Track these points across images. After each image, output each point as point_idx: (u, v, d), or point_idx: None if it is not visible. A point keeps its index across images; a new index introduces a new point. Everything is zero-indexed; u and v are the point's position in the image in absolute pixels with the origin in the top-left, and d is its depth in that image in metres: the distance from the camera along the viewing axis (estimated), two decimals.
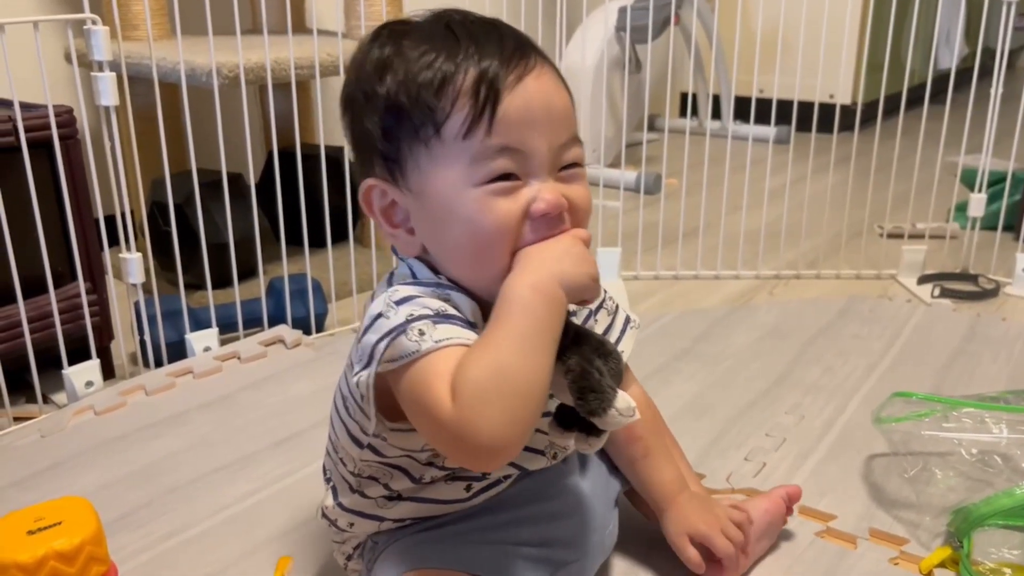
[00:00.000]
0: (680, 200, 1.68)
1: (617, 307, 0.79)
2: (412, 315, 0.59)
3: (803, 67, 1.56)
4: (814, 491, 0.92)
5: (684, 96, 3.06)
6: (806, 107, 1.61)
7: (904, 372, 1.21)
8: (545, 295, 0.58)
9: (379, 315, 0.60)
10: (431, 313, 0.59)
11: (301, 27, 1.71)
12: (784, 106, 1.66)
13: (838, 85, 1.93)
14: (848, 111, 1.88)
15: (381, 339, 0.59)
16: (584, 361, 0.60)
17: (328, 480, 0.75)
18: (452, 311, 0.61)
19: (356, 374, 0.61)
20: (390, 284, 0.65)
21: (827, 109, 1.72)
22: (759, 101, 1.61)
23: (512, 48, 0.61)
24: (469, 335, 0.59)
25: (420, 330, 0.58)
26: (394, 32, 0.64)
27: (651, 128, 2.79)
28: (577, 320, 0.75)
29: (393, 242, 0.66)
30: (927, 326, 1.37)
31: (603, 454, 0.82)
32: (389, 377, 0.60)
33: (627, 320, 0.80)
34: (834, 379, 1.19)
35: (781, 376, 1.20)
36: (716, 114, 2.70)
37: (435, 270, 0.65)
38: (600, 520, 0.77)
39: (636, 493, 0.82)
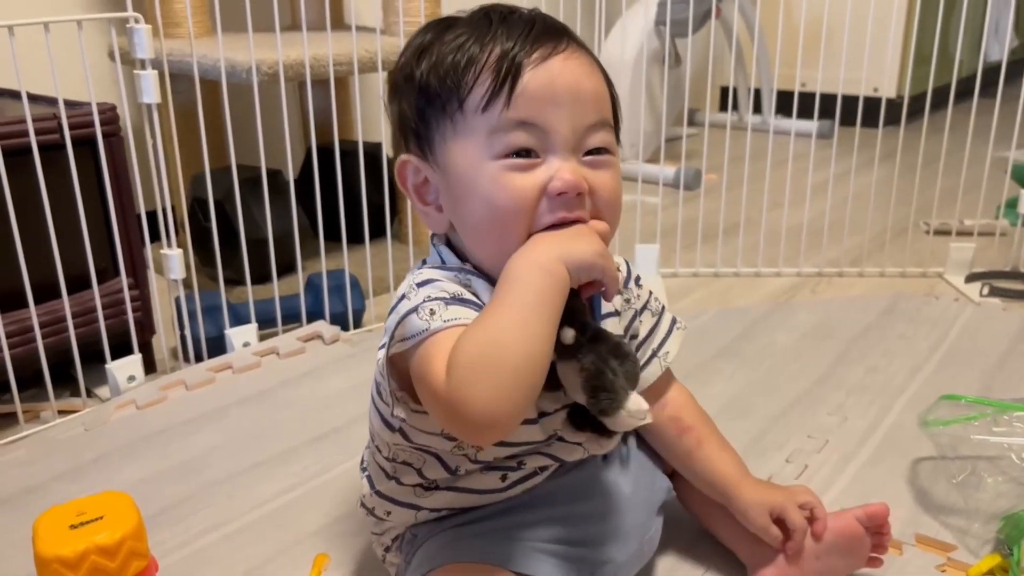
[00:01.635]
0: (720, 196, 1.65)
1: (663, 308, 0.79)
2: (429, 296, 0.60)
3: (847, 60, 1.52)
4: (858, 495, 0.90)
5: (725, 90, 3.02)
6: (850, 101, 1.58)
7: (951, 373, 1.18)
8: (544, 270, 0.58)
9: (403, 296, 0.62)
10: (447, 296, 0.61)
11: (340, 24, 1.71)
12: (827, 100, 1.62)
13: (883, 78, 1.89)
14: (893, 105, 1.84)
15: (398, 319, 0.60)
16: (599, 360, 0.60)
17: (364, 470, 0.76)
18: (469, 296, 0.62)
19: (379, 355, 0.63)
20: (422, 265, 0.67)
21: (872, 103, 1.68)
22: (801, 95, 1.58)
23: (541, 31, 0.63)
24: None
25: (431, 310, 0.59)
26: (440, 24, 0.66)
27: (691, 123, 2.76)
28: (622, 321, 0.75)
29: (424, 219, 0.68)
30: (975, 326, 1.34)
31: (654, 455, 0.81)
32: (403, 358, 0.61)
33: (673, 321, 0.80)
34: (879, 380, 1.17)
35: (823, 376, 1.18)
36: (757, 108, 2.66)
37: (462, 257, 0.67)
38: (640, 524, 0.76)
39: (690, 491, 0.81)
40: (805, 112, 1.75)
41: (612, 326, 0.73)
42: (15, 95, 1.04)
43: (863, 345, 1.27)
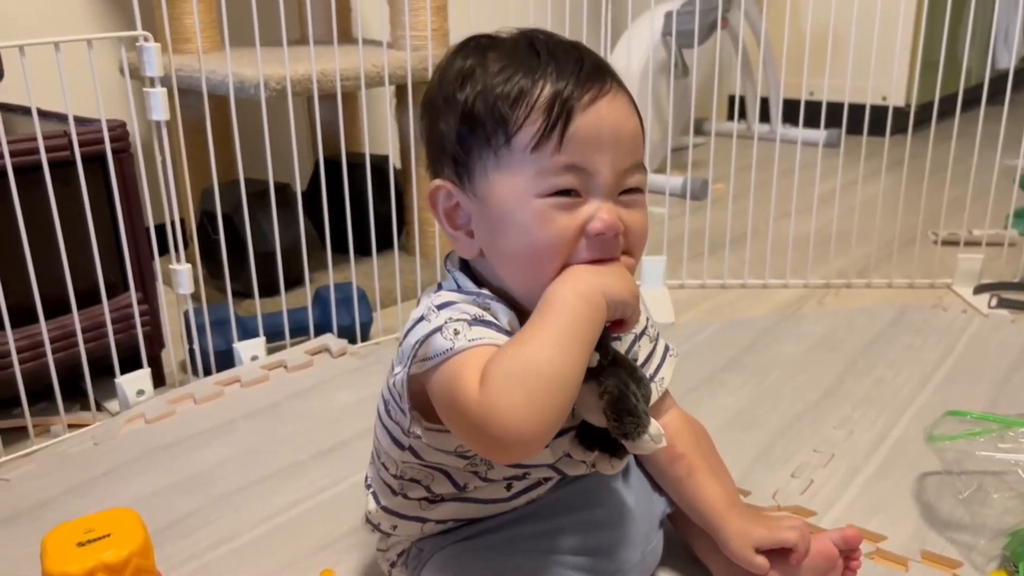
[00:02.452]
0: (727, 206, 1.65)
1: (658, 335, 0.80)
2: (451, 318, 0.61)
3: (854, 68, 1.52)
4: (863, 510, 0.90)
5: (732, 99, 3.02)
6: (857, 109, 1.58)
7: (959, 386, 1.18)
8: (586, 298, 0.60)
9: (421, 318, 0.63)
10: (469, 318, 0.62)
11: (347, 36, 1.73)
12: (834, 108, 1.62)
13: (891, 86, 1.88)
14: (900, 113, 1.83)
15: (419, 340, 0.61)
16: (621, 384, 0.61)
17: (369, 487, 0.77)
18: (490, 318, 0.63)
19: (395, 374, 0.64)
20: (439, 289, 0.67)
21: (878, 111, 1.68)
22: (808, 104, 1.58)
23: (590, 70, 0.63)
24: (503, 338, 0.61)
25: (455, 330, 0.60)
26: (480, 45, 0.66)
27: (698, 132, 2.76)
28: (621, 346, 0.75)
29: (453, 243, 0.68)
30: (984, 338, 1.33)
31: (647, 474, 0.82)
32: (423, 378, 0.62)
33: (667, 349, 0.81)
34: (885, 392, 1.16)
35: (830, 389, 1.18)
36: (764, 117, 2.66)
37: (479, 283, 0.67)
38: (643, 534, 0.77)
39: (680, 516, 0.81)
40: (812, 121, 1.75)
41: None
42: (28, 112, 1.05)
43: (870, 357, 1.27)
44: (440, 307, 0.63)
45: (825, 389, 1.18)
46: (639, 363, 0.78)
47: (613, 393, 0.60)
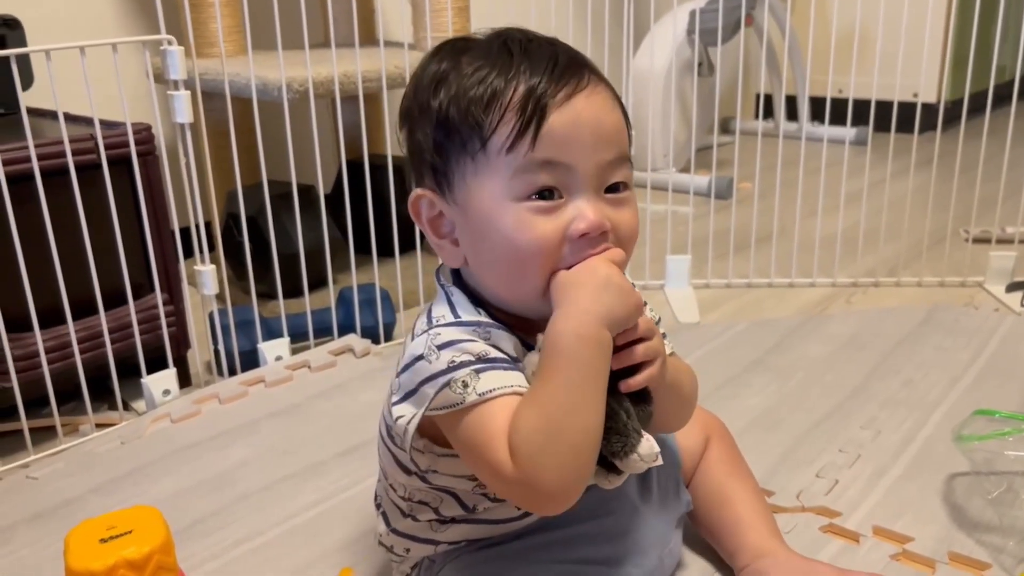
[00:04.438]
0: (753, 205, 1.63)
1: (659, 319, 0.76)
2: (454, 362, 0.60)
3: (882, 64, 1.50)
4: (890, 511, 0.89)
5: (758, 97, 2.99)
6: (885, 106, 1.55)
7: (990, 386, 1.15)
8: (591, 341, 0.58)
9: (420, 357, 0.62)
10: (472, 359, 0.60)
11: (370, 38, 1.73)
12: (860, 106, 1.60)
13: (920, 83, 1.85)
14: (930, 110, 1.81)
15: (424, 382, 0.61)
16: (614, 402, 0.60)
17: (379, 506, 0.76)
18: (494, 352, 0.62)
19: (396, 416, 0.63)
20: (429, 318, 0.65)
21: (907, 108, 1.65)
22: (836, 101, 1.56)
23: (564, 66, 0.61)
24: (514, 379, 0.60)
25: (464, 382, 0.59)
26: (454, 48, 0.65)
27: (725, 130, 2.74)
28: None
29: (439, 252, 0.67)
30: (1016, 336, 1.30)
31: (677, 473, 0.81)
32: (437, 419, 0.62)
33: (663, 336, 0.77)
34: (914, 393, 1.14)
35: (857, 389, 1.16)
36: (791, 115, 2.63)
37: (475, 298, 0.65)
38: (659, 537, 0.76)
39: (701, 512, 0.81)
40: (840, 119, 1.73)
41: None
42: (55, 116, 1.07)
43: (898, 357, 1.25)
44: (440, 347, 0.61)
45: (851, 390, 1.16)
46: None
47: (605, 411, 0.59)
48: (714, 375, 1.21)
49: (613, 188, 0.62)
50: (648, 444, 0.60)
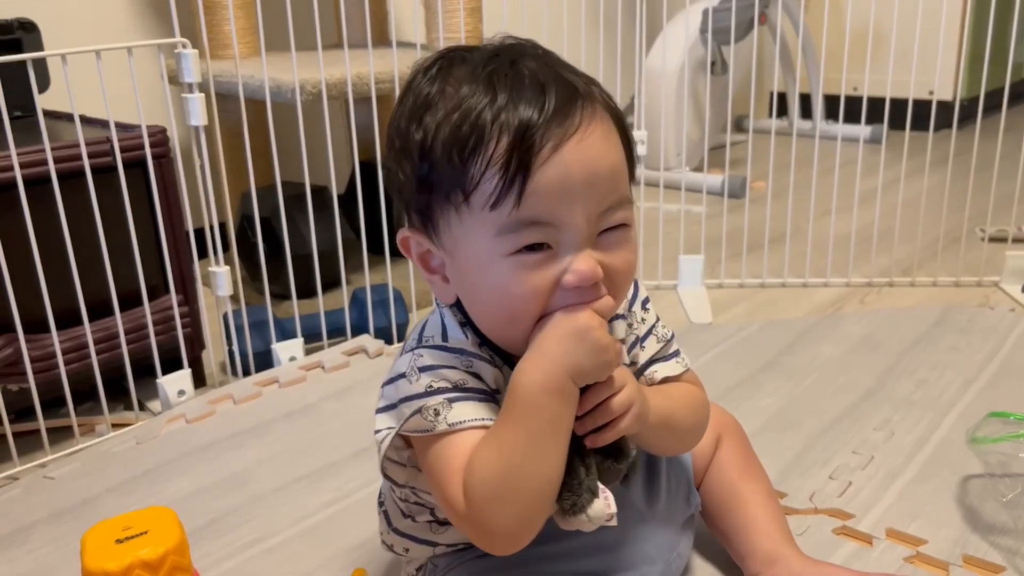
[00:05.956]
0: (766, 204, 1.63)
1: (672, 336, 0.74)
2: (431, 387, 0.61)
3: (897, 62, 1.49)
4: (904, 513, 0.88)
5: (771, 95, 2.98)
6: (899, 104, 1.54)
7: (1005, 387, 1.15)
8: (555, 393, 0.58)
9: (403, 375, 0.63)
10: (449, 387, 0.61)
11: (383, 39, 1.74)
12: (875, 103, 1.59)
13: (935, 80, 1.84)
14: (945, 108, 1.79)
15: (402, 401, 0.62)
16: (577, 455, 0.60)
17: (381, 504, 0.77)
18: (472, 383, 0.62)
19: (376, 425, 0.65)
20: (421, 336, 0.66)
21: (922, 106, 1.64)
22: (849, 99, 1.55)
23: (555, 107, 0.57)
24: (482, 414, 0.61)
25: (435, 410, 0.61)
26: (447, 62, 0.61)
27: (738, 129, 2.73)
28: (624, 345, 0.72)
29: (431, 287, 0.66)
30: None
31: (688, 474, 0.81)
32: (411, 438, 0.64)
33: (677, 352, 0.74)
34: (928, 394, 1.14)
35: (870, 390, 1.16)
36: (805, 113, 2.62)
37: (467, 323, 0.65)
38: (667, 542, 0.75)
39: (711, 512, 0.81)
40: (855, 117, 1.72)
41: (620, 330, 0.71)
42: (71, 119, 1.08)
43: (912, 358, 1.25)
44: (421, 370, 0.62)
45: (865, 391, 1.16)
46: (638, 364, 0.72)
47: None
48: (727, 376, 1.21)
49: (609, 230, 0.60)
50: (601, 505, 0.59)
